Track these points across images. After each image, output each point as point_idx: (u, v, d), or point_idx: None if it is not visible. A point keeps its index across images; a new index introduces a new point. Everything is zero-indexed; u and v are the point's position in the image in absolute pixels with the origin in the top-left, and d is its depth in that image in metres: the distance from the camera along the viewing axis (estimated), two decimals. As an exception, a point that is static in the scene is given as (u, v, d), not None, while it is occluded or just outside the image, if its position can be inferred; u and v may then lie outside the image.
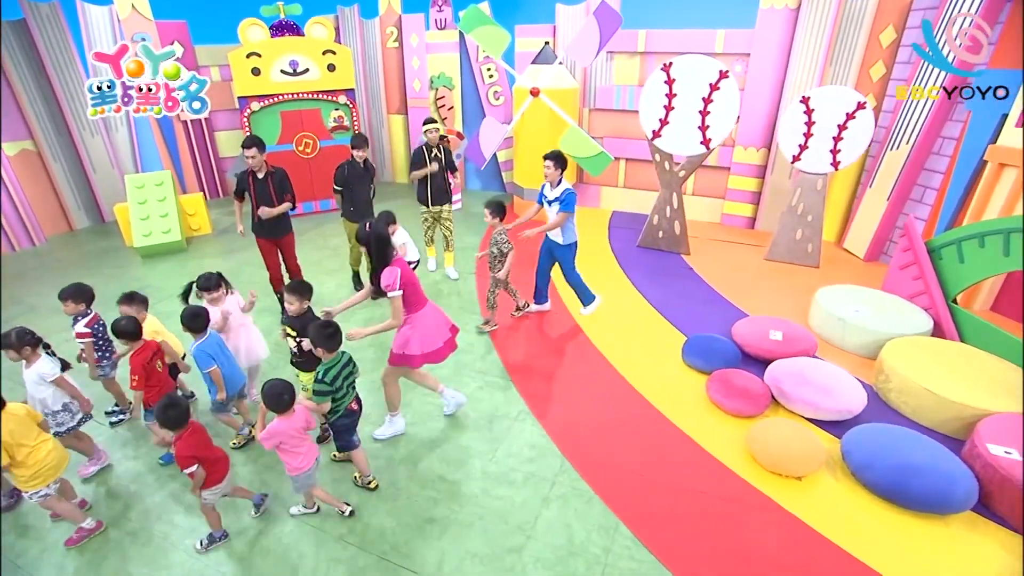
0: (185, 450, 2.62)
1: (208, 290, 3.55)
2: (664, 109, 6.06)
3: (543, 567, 2.77)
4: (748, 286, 5.78)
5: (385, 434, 3.64)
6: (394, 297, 3.16)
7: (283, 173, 4.75)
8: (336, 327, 2.87)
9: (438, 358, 3.43)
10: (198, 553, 2.85)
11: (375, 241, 3.11)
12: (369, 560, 2.80)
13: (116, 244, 7.46)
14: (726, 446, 3.55)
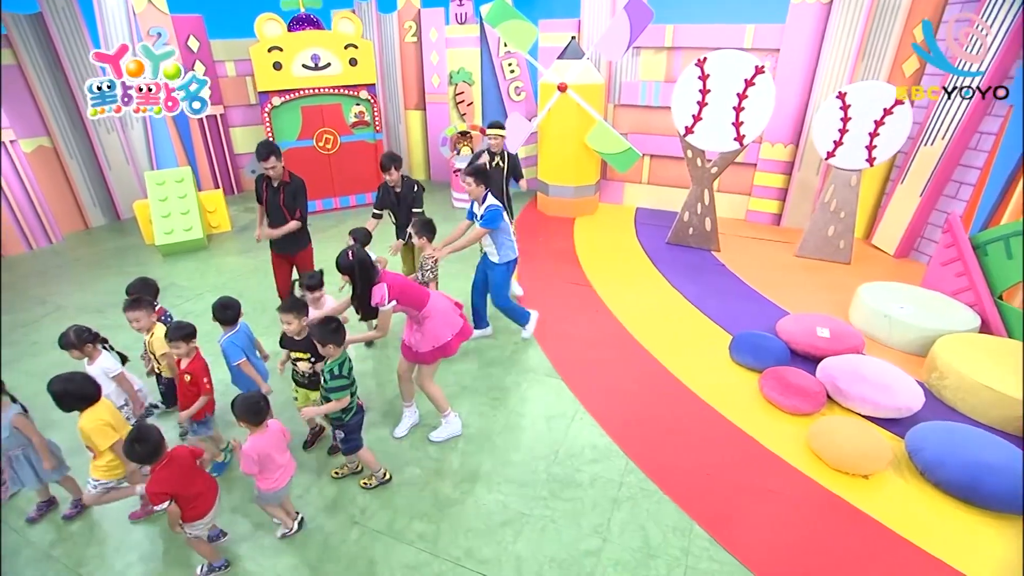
0: (155, 486, 2.35)
1: (312, 288, 3.46)
2: (697, 105, 6.01)
3: (624, 570, 2.74)
4: (782, 282, 5.77)
5: (441, 436, 3.58)
6: (385, 311, 3.08)
7: (298, 186, 4.30)
8: (339, 322, 2.87)
9: (466, 335, 3.41)
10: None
11: (359, 268, 2.98)
12: (444, 566, 2.75)
13: (134, 242, 7.33)
14: (786, 444, 3.53)
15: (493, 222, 4.11)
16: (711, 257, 6.50)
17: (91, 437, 2.61)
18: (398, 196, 4.56)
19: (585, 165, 7.62)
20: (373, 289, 3.01)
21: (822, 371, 4.02)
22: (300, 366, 3.24)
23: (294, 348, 3.21)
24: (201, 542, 2.64)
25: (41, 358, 4.68)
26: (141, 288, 3.62)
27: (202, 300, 5.62)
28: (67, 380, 2.60)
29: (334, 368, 2.85)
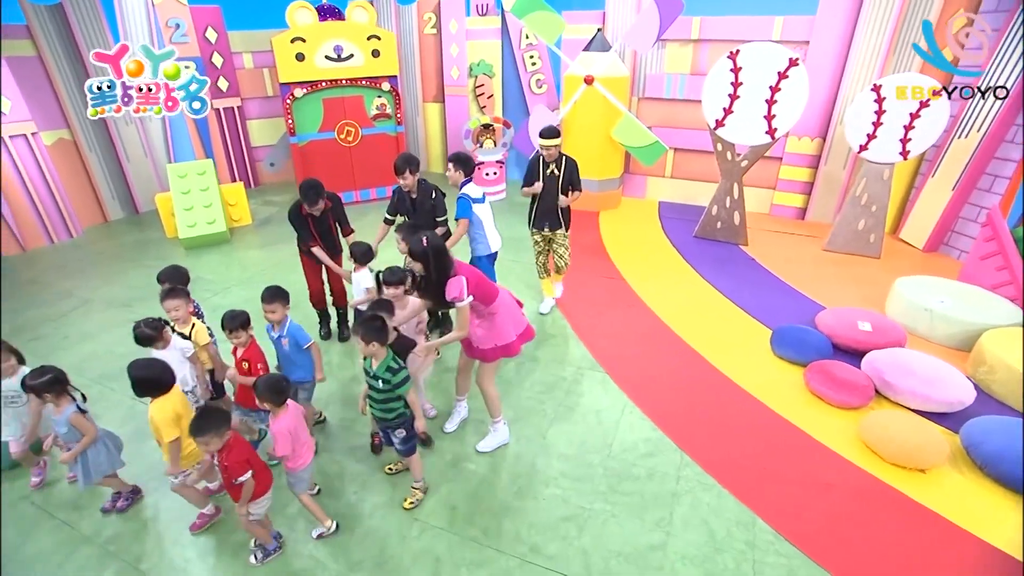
0: (237, 454, 2.40)
1: (392, 284, 3.23)
2: (729, 98, 5.96)
3: (691, 564, 2.72)
4: (813, 276, 5.75)
5: (489, 446, 3.46)
6: (463, 307, 2.95)
7: (338, 205, 4.25)
8: (383, 320, 2.73)
9: (530, 336, 3.31)
10: (255, 566, 2.72)
11: (434, 255, 2.87)
12: (511, 562, 2.74)
13: (154, 235, 7.27)
14: (837, 437, 3.52)
15: (463, 211, 4.11)
16: (739, 251, 6.47)
17: (160, 428, 2.58)
18: (414, 202, 4.14)
19: (610, 158, 7.58)
20: (450, 282, 2.88)
21: (868, 365, 4.01)
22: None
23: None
24: (259, 524, 2.66)
25: (72, 351, 4.65)
26: (172, 275, 3.57)
27: (230, 294, 5.57)
28: (147, 366, 2.59)
29: (390, 364, 2.70)
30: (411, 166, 4.01)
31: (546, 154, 4.44)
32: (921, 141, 5.45)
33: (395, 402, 2.77)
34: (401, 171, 3.99)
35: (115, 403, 3.98)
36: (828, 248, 6.36)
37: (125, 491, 3.06)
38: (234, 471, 2.39)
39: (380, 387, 2.73)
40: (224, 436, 2.39)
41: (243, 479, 2.42)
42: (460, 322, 3.01)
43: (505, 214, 7.83)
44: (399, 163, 3.98)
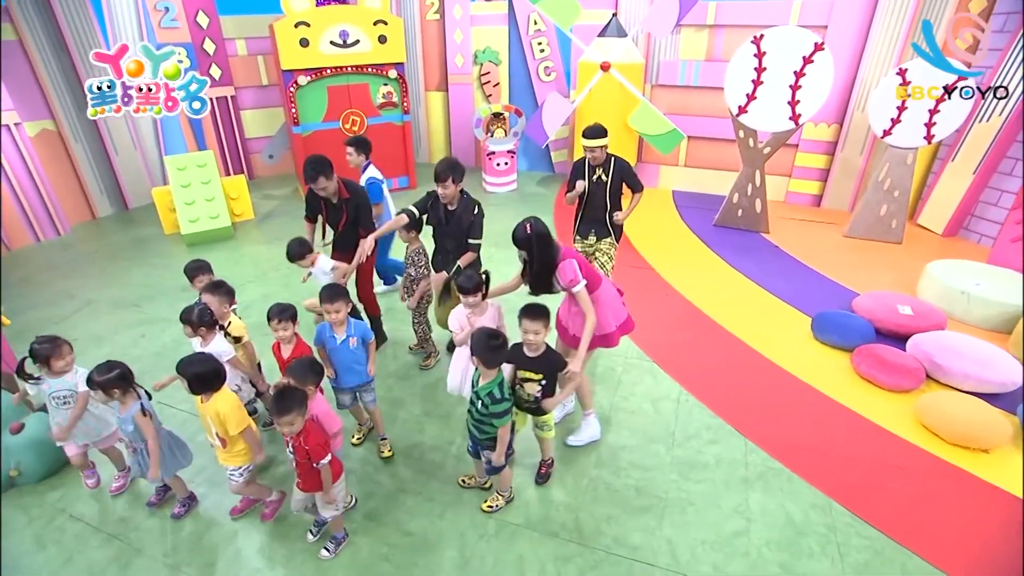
0: (319, 436, 2.37)
1: (471, 291, 3.02)
2: (752, 84, 6.03)
3: (776, 549, 2.76)
4: (838, 262, 5.87)
5: (581, 440, 3.40)
6: (580, 291, 2.89)
7: (362, 199, 3.89)
8: (504, 337, 2.60)
9: (629, 328, 3.26)
10: (328, 559, 2.69)
11: (538, 241, 2.82)
12: (597, 556, 2.73)
13: (151, 232, 7.04)
14: (895, 420, 3.61)
15: (377, 196, 4.15)
16: (761, 239, 6.57)
17: (229, 420, 2.51)
18: (449, 214, 3.65)
19: (624, 147, 7.60)
20: (563, 266, 2.83)
21: (914, 348, 4.11)
22: (528, 388, 2.78)
23: (525, 366, 2.76)
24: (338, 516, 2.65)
25: (85, 355, 4.43)
26: (197, 269, 3.50)
27: (244, 292, 5.43)
28: (202, 361, 2.50)
29: (493, 391, 2.56)
30: (455, 173, 3.46)
31: (591, 157, 3.96)
32: (947, 125, 5.59)
33: (491, 426, 2.67)
34: (443, 178, 3.43)
35: None
36: (849, 234, 6.50)
37: (182, 497, 2.96)
38: (316, 454, 2.35)
39: (479, 407, 2.64)
40: (305, 416, 2.33)
41: (325, 462, 2.38)
42: (586, 307, 2.90)
43: (516, 205, 7.81)
44: (441, 168, 3.43)
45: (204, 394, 2.51)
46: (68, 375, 2.80)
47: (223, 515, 2.97)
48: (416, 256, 3.89)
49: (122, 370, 2.58)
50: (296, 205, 7.93)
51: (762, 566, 2.67)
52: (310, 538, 2.76)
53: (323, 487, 2.47)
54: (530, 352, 2.71)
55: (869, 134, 6.75)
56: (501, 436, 2.66)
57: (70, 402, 2.82)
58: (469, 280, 3.00)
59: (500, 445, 2.68)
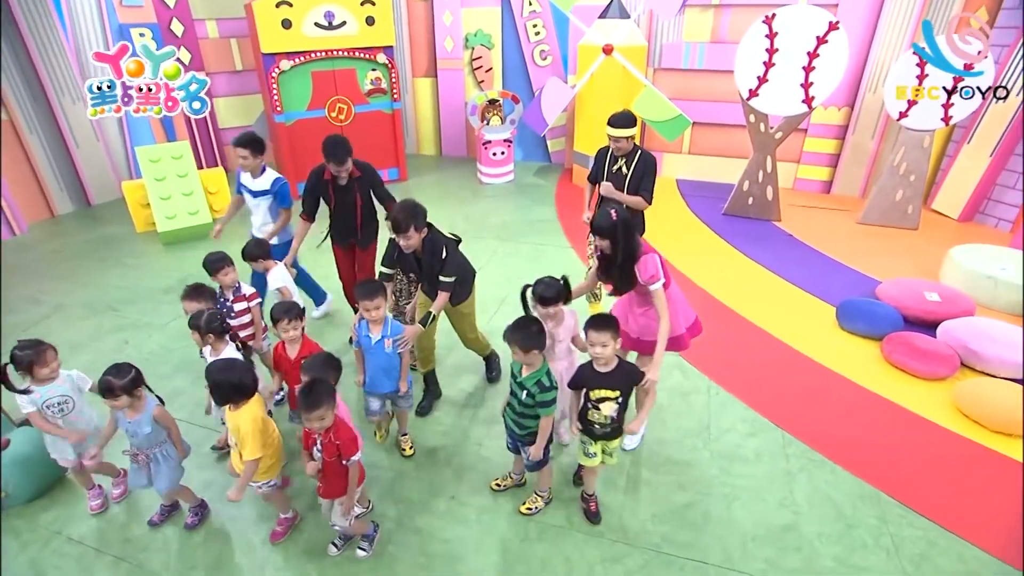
0: (348, 430, 2.34)
1: (552, 301, 2.84)
2: (763, 66, 6.14)
3: (829, 542, 2.81)
4: (854, 249, 6.01)
5: (636, 441, 3.40)
6: (657, 289, 2.83)
7: (372, 175, 3.88)
8: (540, 323, 2.61)
9: (698, 331, 3.23)
10: (366, 557, 2.69)
11: (624, 231, 2.77)
12: (647, 555, 2.75)
13: (120, 230, 6.86)
14: (933, 409, 3.71)
15: (286, 201, 4.11)
16: (773, 227, 6.69)
17: (245, 443, 2.44)
18: (419, 262, 3.30)
19: (628, 134, 7.66)
20: (645, 260, 2.79)
21: (946, 334, 4.22)
22: (604, 408, 2.59)
23: (599, 384, 2.57)
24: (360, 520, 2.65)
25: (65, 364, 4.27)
26: (220, 261, 3.47)
27: (232, 292, 5.33)
28: (228, 368, 2.44)
29: (541, 379, 2.54)
30: (416, 221, 3.03)
31: (616, 147, 3.84)
32: (964, 106, 5.76)
33: (533, 420, 2.66)
34: (403, 229, 3.00)
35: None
36: (863, 221, 6.66)
37: (193, 505, 2.89)
38: (347, 450, 2.31)
39: (523, 399, 2.60)
40: (334, 409, 2.30)
41: (356, 458, 2.36)
42: (661, 306, 2.83)
43: (513, 196, 7.82)
44: (401, 218, 2.99)
45: (228, 405, 2.45)
46: (57, 380, 2.70)
47: (239, 528, 2.91)
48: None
49: (137, 371, 2.51)
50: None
51: (816, 560, 2.72)
52: (333, 551, 2.72)
53: (347, 490, 2.43)
54: (601, 367, 2.56)
55: (881, 117, 6.93)
56: (543, 428, 2.64)
57: (66, 409, 2.73)
58: (549, 288, 2.81)
59: (541, 437, 2.66)
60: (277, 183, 4.13)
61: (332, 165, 3.71)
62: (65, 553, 2.81)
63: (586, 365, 2.64)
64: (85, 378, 2.81)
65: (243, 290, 3.51)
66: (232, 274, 3.46)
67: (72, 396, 2.74)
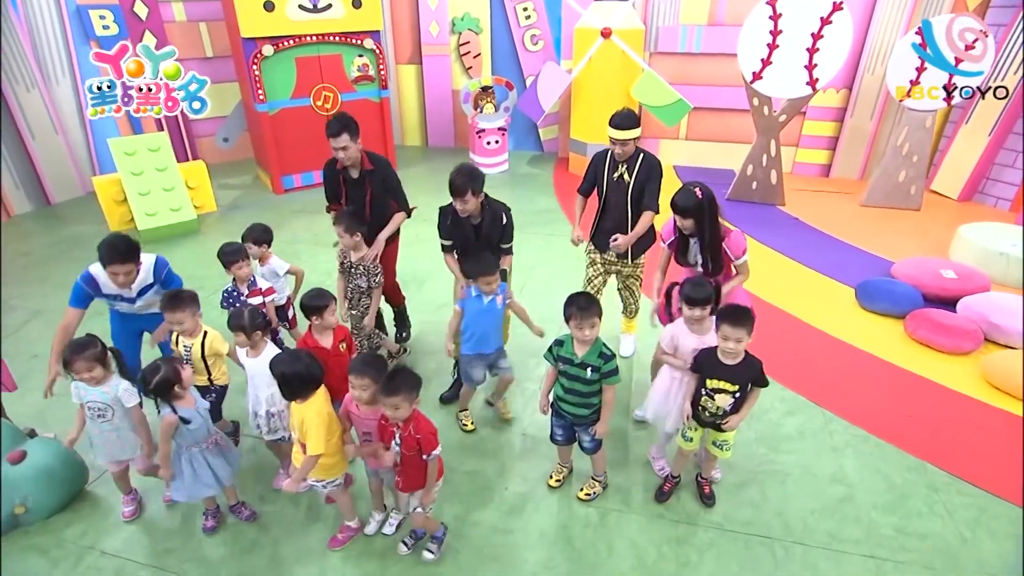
0: (429, 424, 2.39)
1: (697, 304, 2.77)
2: (767, 48, 6.38)
3: (885, 512, 3.00)
4: (862, 231, 6.32)
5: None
6: (743, 264, 3.14)
7: (386, 169, 3.82)
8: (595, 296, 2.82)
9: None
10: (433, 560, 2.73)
11: (710, 209, 2.92)
12: (711, 534, 2.88)
13: (89, 229, 6.65)
14: (963, 382, 3.97)
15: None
16: (778, 211, 6.95)
17: (309, 435, 2.46)
18: (477, 230, 3.39)
19: (626, 119, 7.83)
20: (733, 237, 2.97)
21: (966, 310, 4.50)
22: (719, 399, 2.68)
23: (720, 375, 2.65)
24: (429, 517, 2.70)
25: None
26: (235, 253, 3.44)
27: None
28: (294, 360, 2.45)
29: (603, 350, 2.66)
30: (474, 184, 3.15)
31: (617, 151, 3.52)
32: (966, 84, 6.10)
33: (598, 396, 2.77)
34: (461, 192, 3.13)
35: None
36: (866, 203, 6.98)
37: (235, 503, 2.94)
38: (428, 444, 2.36)
39: (588, 376, 2.68)
40: (413, 404, 2.34)
41: (437, 453, 2.40)
42: (743, 279, 3.15)
43: (511, 187, 7.91)
44: (460, 181, 3.12)
45: (294, 400, 2.47)
46: (105, 386, 2.67)
47: (289, 531, 2.92)
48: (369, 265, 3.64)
49: (171, 366, 2.53)
50: (261, 195, 7.72)
51: (876, 530, 2.89)
52: (404, 550, 2.75)
53: (426, 483, 2.48)
54: (728, 360, 2.64)
55: (879, 99, 7.27)
56: (609, 401, 2.76)
57: (106, 415, 2.70)
58: (700, 289, 2.75)
59: (608, 409, 2.77)
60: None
61: (330, 140, 3.56)
62: (102, 567, 2.77)
63: (711, 351, 2.69)
64: (132, 392, 2.73)
65: (258, 284, 3.49)
66: (247, 268, 3.44)
67: (112, 407, 2.69)
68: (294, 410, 2.49)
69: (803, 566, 2.71)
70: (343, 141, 3.53)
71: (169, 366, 2.55)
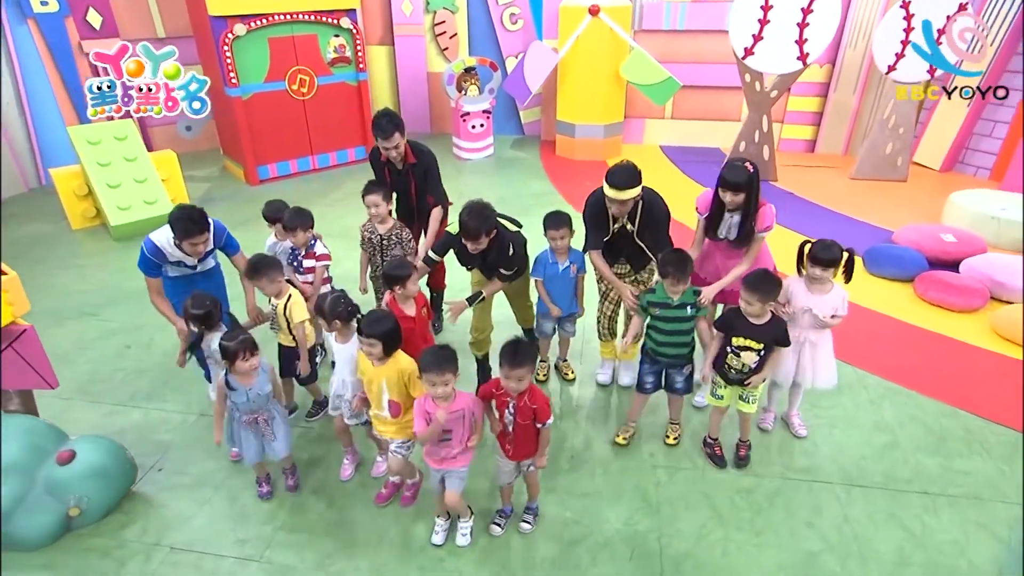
0: (542, 395, 2.59)
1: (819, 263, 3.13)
2: (759, 24, 6.85)
3: (929, 453, 3.42)
4: (855, 203, 6.90)
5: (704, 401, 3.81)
6: (764, 239, 3.38)
7: (430, 165, 3.98)
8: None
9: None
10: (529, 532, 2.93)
11: (757, 179, 3.17)
12: (775, 483, 3.22)
13: (46, 228, 6.53)
14: (975, 336, 4.49)
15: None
16: (772, 187, 7.46)
17: (415, 381, 2.67)
18: (484, 256, 3.42)
19: (615, 100, 8.21)
20: (766, 210, 3.24)
21: (970, 270, 5.05)
22: (745, 356, 3.02)
23: (746, 334, 3.00)
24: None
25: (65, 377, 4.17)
26: (296, 216, 3.62)
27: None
28: (382, 319, 2.65)
29: (692, 290, 3.14)
30: (487, 225, 3.20)
31: (615, 210, 3.28)
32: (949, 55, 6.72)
33: (691, 333, 3.19)
34: (475, 236, 3.17)
35: (163, 420, 3.78)
36: (856, 176, 7.59)
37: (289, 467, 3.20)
38: (543, 413, 2.57)
39: (687, 314, 3.10)
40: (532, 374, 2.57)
41: (551, 421, 2.62)
42: (755, 255, 3.37)
43: (500, 171, 8.15)
44: (473, 225, 3.14)
45: (389, 355, 2.65)
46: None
47: (367, 512, 3.09)
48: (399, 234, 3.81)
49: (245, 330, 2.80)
50: (231, 187, 7.68)
51: (924, 470, 3.30)
52: (496, 531, 2.93)
53: (540, 450, 2.71)
54: (754, 319, 2.98)
55: (862, 73, 7.90)
56: (704, 329, 3.20)
57: None
58: (826, 250, 3.08)
59: (706, 334, 3.19)
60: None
61: (379, 140, 3.79)
62: (177, 562, 2.85)
63: (737, 311, 3.04)
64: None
65: (316, 249, 3.70)
66: (303, 236, 3.65)
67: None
68: (382, 371, 2.66)
69: (866, 505, 3.09)
70: (395, 140, 3.76)
71: (238, 342, 2.73)
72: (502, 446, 2.74)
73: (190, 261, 3.40)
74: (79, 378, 4.18)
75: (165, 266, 3.40)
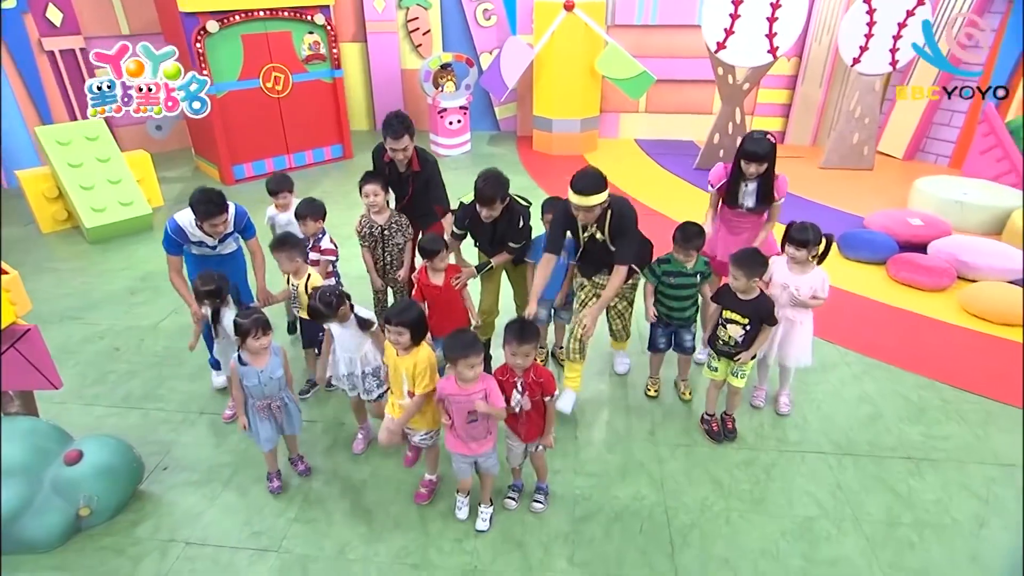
0: (544, 369, 2.78)
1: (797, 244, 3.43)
2: (730, 18, 7.12)
3: (910, 423, 3.67)
4: (825, 192, 7.23)
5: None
6: (778, 206, 3.85)
7: (433, 172, 4.02)
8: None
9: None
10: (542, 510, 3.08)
11: (775, 149, 3.58)
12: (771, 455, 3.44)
13: (15, 232, 6.39)
14: (944, 312, 4.81)
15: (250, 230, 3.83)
16: (746, 178, 7.73)
17: (422, 375, 2.75)
18: (494, 228, 3.65)
19: (591, 95, 8.40)
20: (783, 178, 3.64)
21: (937, 252, 5.37)
22: (731, 329, 3.27)
23: (733, 308, 3.25)
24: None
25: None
26: (313, 210, 3.77)
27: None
28: (410, 308, 2.76)
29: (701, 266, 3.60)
30: (502, 192, 3.44)
31: (581, 217, 3.19)
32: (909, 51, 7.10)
33: (696, 297, 3.64)
34: (490, 202, 3.40)
35: (163, 419, 3.79)
36: (825, 165, 7.93)
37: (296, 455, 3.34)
38: (549, 386, 2.72)
39: (698, 281, 3.54)
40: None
41: (558, 394, 2.76)
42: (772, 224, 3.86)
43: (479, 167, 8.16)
44: (489, 192, 3.36)
45: (416, 344, 2.76)
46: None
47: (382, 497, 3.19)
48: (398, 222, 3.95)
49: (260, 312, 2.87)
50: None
51: (906, 438, 3.55)
52: (512, 504, 3.07)
53: (547, 428, 2.84)
54: (741, 295, 3.22)
55: (827, 66, 8.24)
56: (707, 291, 3.60)
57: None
58: (802, 232, 3.35)
59: (708, 294, 3.56)
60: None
61: (387, 140, 3.74)
62: (193, 557, 2.90)
63: (726, 287, 3.32)
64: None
65: (322, 243, 3.81)
66: (313, 225, 3.80)
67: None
68: (403, 361, 2.76)
69: (856, 471, 3.31)
70: (404, 143, 3.73)
71: (252, 320, 2.83)
72: (514, 430, 2.87)
73: (210, 241, 3.60)
74: (70, 382, 4.13)
75: (188, 245, 3.61)
